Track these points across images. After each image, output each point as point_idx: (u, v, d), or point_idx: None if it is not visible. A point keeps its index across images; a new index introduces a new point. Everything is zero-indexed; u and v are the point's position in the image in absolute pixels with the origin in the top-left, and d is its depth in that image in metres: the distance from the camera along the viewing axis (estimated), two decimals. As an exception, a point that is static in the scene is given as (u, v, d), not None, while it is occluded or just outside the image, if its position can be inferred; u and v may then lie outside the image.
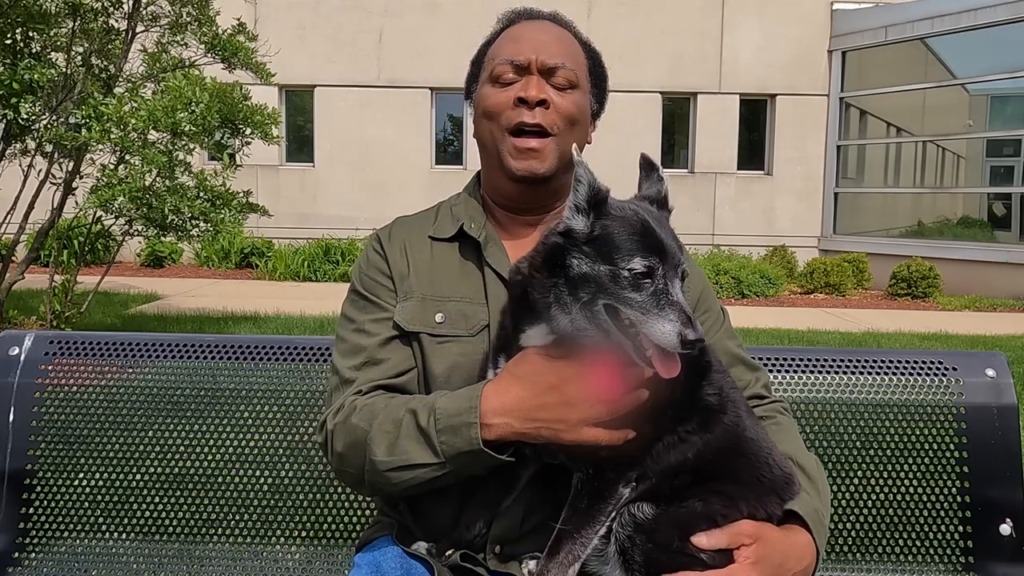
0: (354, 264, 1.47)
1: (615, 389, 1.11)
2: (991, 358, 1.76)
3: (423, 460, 1.20)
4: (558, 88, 1.34)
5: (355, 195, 12.98)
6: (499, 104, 1.34)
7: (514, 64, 1.34)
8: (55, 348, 1.78)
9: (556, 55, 1.34)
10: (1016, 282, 10.75)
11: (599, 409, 1.12)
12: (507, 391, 1.17)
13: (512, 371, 1.18)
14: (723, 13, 12.96)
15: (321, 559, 1.68)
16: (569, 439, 1.13)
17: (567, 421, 1.13)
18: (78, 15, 6.11)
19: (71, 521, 1.70)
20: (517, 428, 1.15)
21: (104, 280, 7.20)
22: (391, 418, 1.23)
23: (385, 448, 1.22)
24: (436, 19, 12.60)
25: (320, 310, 7.90)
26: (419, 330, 1.32)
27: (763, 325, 8.03)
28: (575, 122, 1.36)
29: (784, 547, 1.16)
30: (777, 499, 1.20)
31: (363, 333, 1.35)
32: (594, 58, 1.45)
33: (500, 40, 1.40)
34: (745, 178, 13.28)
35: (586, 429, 1.13)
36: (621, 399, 1.12)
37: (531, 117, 1.31)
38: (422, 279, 1.37)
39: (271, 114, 6.63)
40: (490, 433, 1.16)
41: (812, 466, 1.32)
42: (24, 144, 6.57)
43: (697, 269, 1.47)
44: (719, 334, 1.43)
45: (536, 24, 1.40)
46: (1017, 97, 11.87)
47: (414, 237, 1.42)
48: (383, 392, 1.31)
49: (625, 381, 1.11)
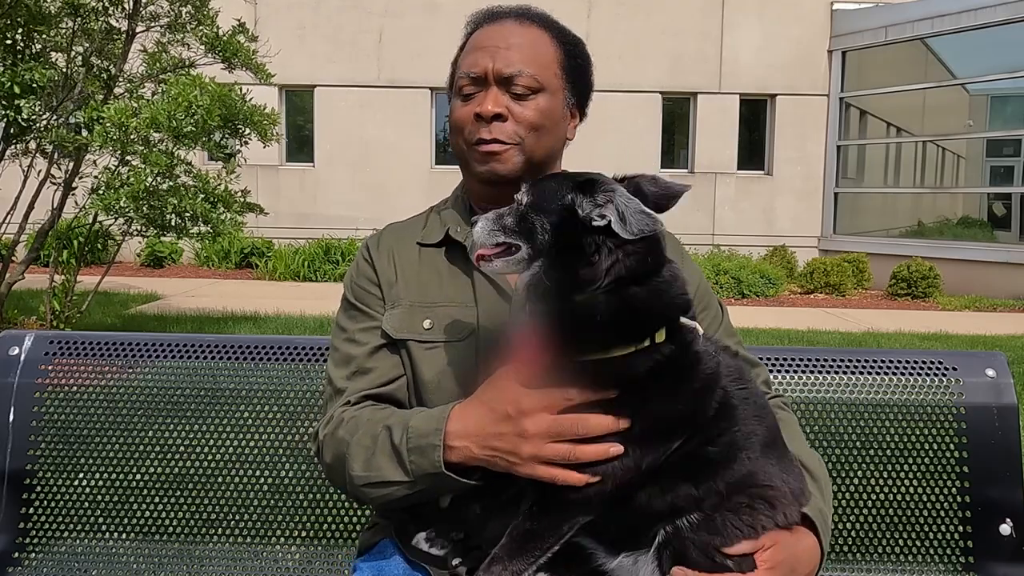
0: (346, 273, 1.47)
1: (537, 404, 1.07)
2: (991, 358, 1.76)
3: (395, 478, 1.19)
4: (518, 96, 1.31)
5: (355, 195, 12.98)
6: (461, 119, 1.34)
7: (470, 76, 1.32)
8: (55, 348, 1.78)
9: (514, 62, 1.31)
10: (1016, 282, 10.75)
11: (556, 449, 1.07)
12: (470, 415, 1.15)
13: (479, 393, 1.16)
14: (723, 13, 12.96)
15: (321, 559, 1.68)
16: (524, 473, 1.09)
17: (519, 455, 1.09)
18: (78, 15, 6.11)
19: (71, 521, 1.70)
20: (476, 454, 1.13)
21: (104, 280, 7.20)
22: (370, 433, 1.23)
23: (362, 463, 1.22)
24: (436, 19, 12.60)
25: (320, 310, 7.90)
26: (407, 337, 1.32)
27: (763, 325, 8.03)
28: (540, 127, 1.33)
29: (796, 551, 1.16)
30: (797, 505, 1.18)
31: (353, 343, 1.36)
32: (569, 49, 1.39)
33: (465, 49, 1.38)
34: (745, 178, 13.28)
35: (540, 466, 1.08)
36: (570, 442, 1.06)
37: (488, 133, 1.30)
38: (411, 286, 1.37)
39: (270, 115, 6.63)
40: (453, 456, 1.14)
41: (815, 465, 1.31)
42: (25, 144, 6.57)
43: (693, 266, 1.46)
44: (717, 331, 1.43)
45: (496, 28, 1.36)
46: (1017, 97, 11.87)
47: (403, 244, 1.42)
48: (372, 404, 1.31)
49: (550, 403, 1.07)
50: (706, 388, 1.11)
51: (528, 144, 1.32)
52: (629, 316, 1.05)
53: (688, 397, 1.09)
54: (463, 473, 1.15)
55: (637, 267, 1.04)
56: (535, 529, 1.10)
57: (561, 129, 1.39)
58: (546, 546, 1.09)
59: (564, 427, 1.06)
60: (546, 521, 1.10)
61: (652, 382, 1.06)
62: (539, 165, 1.35)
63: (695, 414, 1.10)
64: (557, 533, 1.10)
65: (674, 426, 1.09)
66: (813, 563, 1.18)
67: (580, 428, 1.06)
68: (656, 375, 1.06)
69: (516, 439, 1.09)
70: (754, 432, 1.15)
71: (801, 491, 1.20)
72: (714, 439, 1.11)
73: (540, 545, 1.09)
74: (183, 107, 5.70)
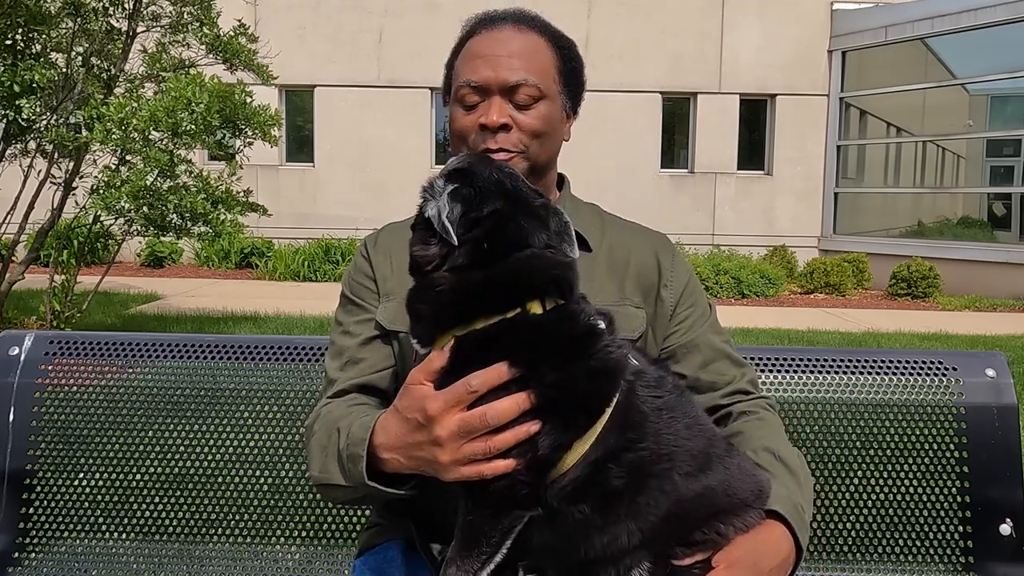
0: (344, 270, 1.48)
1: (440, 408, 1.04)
2: (991, 358, 1.76)
3: (340, 482, 1.19)
4: (521, 105, 1.32)
5: (355, 195, 12.98)
6: (465, 128, 1.34)
7: (471, 86, 1.32)
8: (55, 348, 1.78)
9: (517, 71, 1.31)
10: (1016, 282, 10.75)
11: (473, 448, 1.02)
12: (390, 427, 1.12)
13: (397, 401, 1.12)
14: (723, 13, 12.96)
15: (321, 559, 1.68)
16: (451, 478, 1.05)
17: (440, 463, 1.05)
18: (79, 15, 6.11)
19: (71, 521, 1.70)
20: (404, 464, 1.11)
21: (104, 280, 7.20)
22: (327, 432, 1.23)
23: (318, 463, 1.23)
24: (436, 19, 12.60)
25: (320, 310, 7.90)
26: (399, 329, 1.33)
27: (763, 325, 8.03)
28: (542, 135, 1.34)
29: (754, 544, 1.12)
30: (753, 511, 1.14)
31: (347, 335, 1.38)
32: (564, 52, 1.39)
33: (463, 53, 1.38)
34: (745, 178, 13.28)
35: (463, 468, 1.03)
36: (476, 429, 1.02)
37: (493, 143, 1.31)
38: (404, 281, 1.37)
39: (273, 116, 6.64)
40: (387, 467, 1.13)
41: (794, 460, 1.28)
42: (24, 144, 6.57)
43: (683, 262, 1.46)
44: (703, 328, 1.42)
45: (495, 33, 1.35)
46: (1017, 97, 11.86)
47: (400, 242, 1.40)
48: (354, 395, 1.32)
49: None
50: (605, 370, 1.06)
51: (532, 151, 1.34)
52: (480, 288, 1.05)
53: (584, 372, 1.04)
54: (399, 481, 1.14)
55: (473, 254, 1.06)
56: (475, 524, 1.07)
57: (560, 133, 1.40)
58: (492, 541, 1.06)
59: (473, 424, 1.02)
60: (481, 515, 1.06)
61: (539, 356, 1.03)
62: (542, 169, 1.37)
63: (600, 394, 1.05)
64: (498, 527, 1.06)
65: (583, 401, 1.04)
66: (782, 554, 1.14)
67: (490, 419, 1.02)
68: (534, 345, 1.03)
69: (432, 448, 1.05)
70: (672, 453, 1.07)
71: (758, 492, 1.16)
72: (618, 454, 1.04)
73: (486, 541, 1.06)
74: (182, 104, 5.71)
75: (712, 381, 1.39)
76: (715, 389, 1.39)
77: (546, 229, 1.10)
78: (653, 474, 1.06)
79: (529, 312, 1.05)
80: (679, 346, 1.40)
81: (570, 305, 1.08)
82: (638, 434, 1.06)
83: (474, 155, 1.20)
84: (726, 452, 1.16)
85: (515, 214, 1.08)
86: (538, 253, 1.07)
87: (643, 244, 1.45)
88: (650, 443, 1.06)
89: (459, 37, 1.42)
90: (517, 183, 1.13)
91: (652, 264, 1.43)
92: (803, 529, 1.18)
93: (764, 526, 1.15)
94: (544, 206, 1.13)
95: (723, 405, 1.38)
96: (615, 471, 1.05)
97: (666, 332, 1.41)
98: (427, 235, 1.09)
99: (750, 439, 1.30)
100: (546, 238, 1.09)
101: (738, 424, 1.35)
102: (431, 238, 1.08)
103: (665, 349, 1.40)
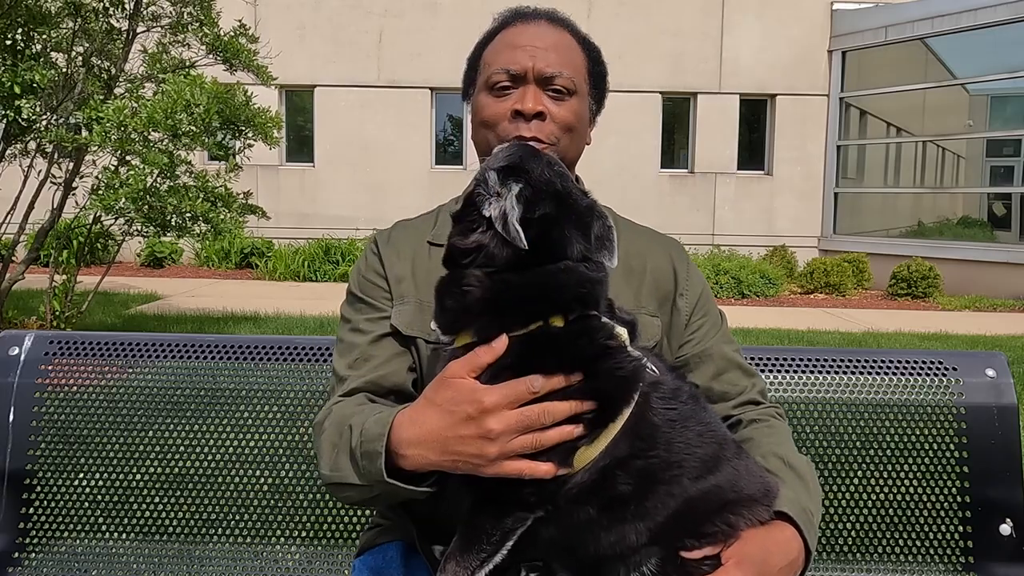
0: (352, 267, 1.47)
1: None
2: (991, 358, 1.76)
3: (353, 480, 1.16)
4: (555, 97, 1.32)
5: (355, 195, 12.98)
6: (496, 115, 1.33)
7: (510, 73, 1.32)
8: (55, 348, 1.78)
9: (554, 63, 1.31)
10: (1016, 282, 10.75)
11: (522, 441, 1.02)
12: (423, 420, 1.08)
13: (430, 397, 1.09)
14: (723, 13, 12.96)
15: (321, 559, 1.68)
16: (489, 473, 1.04)
17: (485, 456, 1.03)
18: (79, 15, 6.11)
19: (71, 521, 1.70)
20: (433, 459, 1.07)
21: (104, 280, 7.21)
22: (339, 430, 1.21)
23: (328, 461, 1.20)
24: (436, 19, 12.60)
25: (320, 310, 7.89)
26: (417, 335, 1.31)
27: (763, 325, 8.03)
28: (572, 129, 1.34)
29: (765, 543, 1.12)
30: (761, 506, 1.15)
31: (358, 332, 1.35)
32: (593, 56, 1.41)
33: (495, 43, 1.37)
34: (745, 178, 13.28)
35: (506, 463, 1.03)
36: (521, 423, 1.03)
37: (528, 131, 1.29)
38: (420, 284, 1.35)
39: (274, 118, 6.64)
40: (405, 463, 1.10)
41: (803, 466, 1.29)
42: (24, 144, 6.57)
43: (697, 270, 1.46)
44: (716, 338, 1.42)
45: (532, 27, 1.36)
46: (1017, 97, 11.87)
47: (413, 241, 1.40)
48: (363, 393, 1.30)
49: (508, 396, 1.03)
50: (615, 384, 1.07)
51: (563, 146, 1.33)
52: (506, 300, 1.05)
53: (593, 387, 1.05)
54: (417, 479, 1.11)
55: (512, 257, 1.04)
56: (478, 523, 1.07)
57: (585, 133, 1.40)
58: (493, 540, 1.06)
59: (532, 419, 1.02)
60: (485, 514, 1.07)
61: (557, 368, 1.04)
62: (568, 167, 1.34)
63: (608, 407, 1.06)
64: (500, 526, 1.06)
65: (593, 412, 1.06)
66: (792, 555, 1.13)
67: (547, 417, 1.02)
68: (551, 358, 1.04)
69: (481, 441, 1.03)
70: (682, 460, 1.09)
71: (766, 491, 1.16)
72: (627, 461, 1.05)
73: (487, 539, 1.06)
74: (181, 105, 5.71)
75: (724, 391, 1.38)
76: (727, 399, 1.38)
77: (587, 238, 1.09)
78: (662, 480, 1.07)
79: (551, 325, 1.05)
80: (692, 356, 1.39)
81: (591, 321, 1.07)
82: (648, 443, 1.07)
83: (522, 147, 1.17)
84: (735, 455, 1.17)
85: (561, 219, 1.07)
86: (571, 267, 1.06)
87: (659, 251, 1.44)
88: (660, 451, 1.08)
89: (488, 30, 1.41)
90: (567, 183, 1.11)
91: (668, 272, 1.42)
92: (812, 532, 1.18)
93: (774, 525, 1.15)
94: (590, 208, 1.12)
95: (734, 415, 1.38)
96: (622, 477, 1.06)
97: (680, 341, 1.40)
98: (468, 227, 1.07)
99: (759, 445, 1.30)
100: (583, 249, 1.08)
101: (748, 431, 1.35)
102: (472, 231, 1.06)
103: (679, 358, 1.39)
